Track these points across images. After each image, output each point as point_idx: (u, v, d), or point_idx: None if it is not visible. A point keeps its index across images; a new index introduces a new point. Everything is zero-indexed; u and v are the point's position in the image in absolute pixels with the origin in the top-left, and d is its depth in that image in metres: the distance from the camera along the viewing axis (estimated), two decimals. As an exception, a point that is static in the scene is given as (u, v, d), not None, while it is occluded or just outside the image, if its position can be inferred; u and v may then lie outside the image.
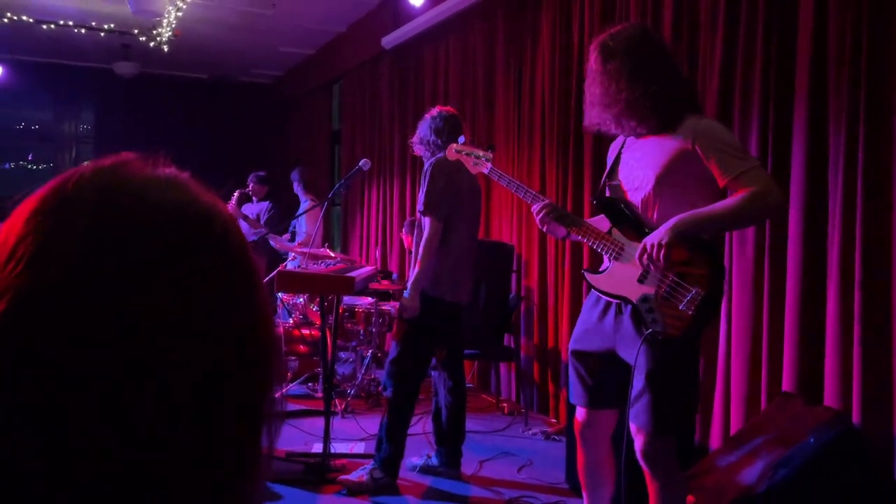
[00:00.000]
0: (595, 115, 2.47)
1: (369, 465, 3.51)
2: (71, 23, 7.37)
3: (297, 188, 6.62)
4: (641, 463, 2.37)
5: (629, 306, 2.35)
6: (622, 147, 2.54)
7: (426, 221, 3.41)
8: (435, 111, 3.67)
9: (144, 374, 0.45)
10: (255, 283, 0.52)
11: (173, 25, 7.15)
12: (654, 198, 2.35)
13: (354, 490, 3.42)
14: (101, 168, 0.50)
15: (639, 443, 2.36)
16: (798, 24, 3.18)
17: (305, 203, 6.50)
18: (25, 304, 0.44)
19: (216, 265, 0.49)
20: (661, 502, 2.38)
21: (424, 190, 3.42)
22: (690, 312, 2.22)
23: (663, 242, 2.21)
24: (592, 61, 2.44)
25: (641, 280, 2.31)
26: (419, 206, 3.45)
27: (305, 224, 6.40)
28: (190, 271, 0.47)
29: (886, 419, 2.81)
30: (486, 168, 2.90)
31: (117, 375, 0.44)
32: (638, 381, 2.31)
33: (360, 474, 3.48)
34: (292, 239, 6.70)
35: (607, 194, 2.53)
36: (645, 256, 2.26)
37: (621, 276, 2.37)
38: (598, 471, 2.65)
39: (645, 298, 2.29)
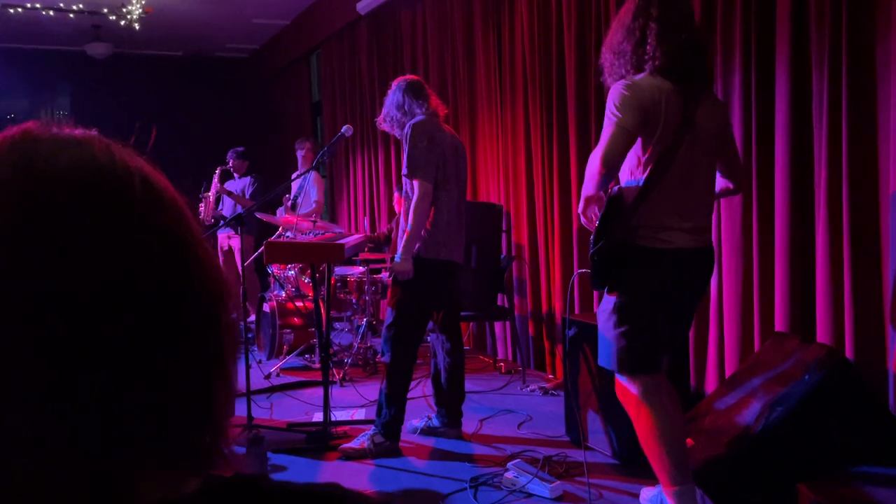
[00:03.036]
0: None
1: (370, 430, 3.53)
2: (38, 5, 7.21)
3: (304, 163, 6.55)
4: None
5: None
6: None
7: (414, 184, 3.39)
8: (393, 85, 3.62)
9: (119, 341, 0.44)
10: (190, 225, 0.51)
11: (143, 2, 7.01)
12: None
13: (357, 457, 3.44)
14: (7, 138, 0.49)
15: None
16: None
17: (306, 175, 6.46)
18: None
19: (148, 216, 0.48)
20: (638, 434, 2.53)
21: (407, 153, 3.39)
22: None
23: (579, 211, 2.53)
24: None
25: None
26: (404, 170, 3.42)
27: (315, 194, 6.36)
28: (125, 228, 0.46)
29: (879, 353, 2.83)
30: None
31: (94, 348, 0.44)
32: None
33: (361, 441, 3.50)
34: (294, 209, 6.64)
35: None
36: None
37: None
38: None
39: (591, 243, 2.48)
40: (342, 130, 3.81)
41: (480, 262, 4.88)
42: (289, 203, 6.24)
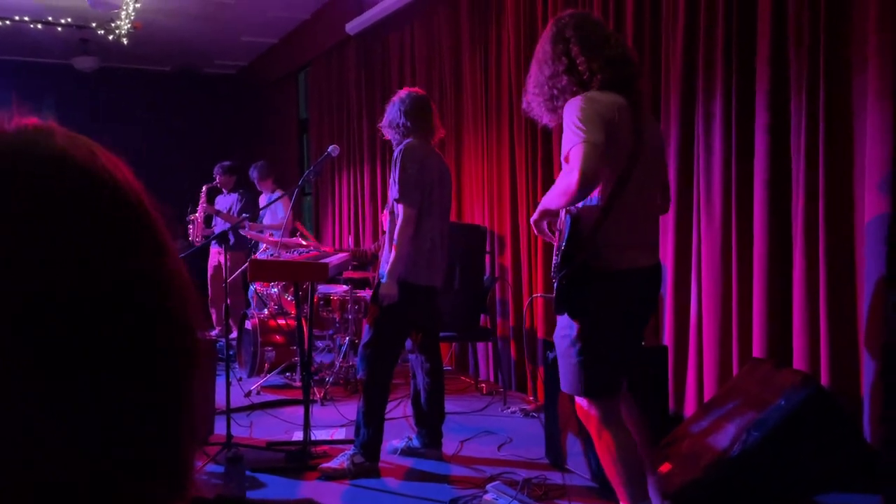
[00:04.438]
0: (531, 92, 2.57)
1: (350, 450, 3.52)
2: (26, 18, 7.20)
3: (262, 185, 6.60)
4: None
5: None
6: None
7: (400, 209, 3.41)
8: (403, 93, 3.64)
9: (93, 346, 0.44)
10: (158, 225, 0.49)
11: (132, 17, 7.03)
12: None
13: (336, 477, 3.42)
14: None
15: None
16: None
17: (271, 196, 6.48)
18: None
19: (119, 215, 0.46)
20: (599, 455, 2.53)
21: (396, 177, 3.41)
22: (555, 282, 2.42)
23: (531, 220, 2.59)
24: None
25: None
26: (393, 194, 3.44)
27: (281, 211, 6.38)
28: (95, 227, 0.45)
29: (854, 379, 2.87)
30: None
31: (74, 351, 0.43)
32: None
33: (340, 461, 3.48)
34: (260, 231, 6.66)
35: None
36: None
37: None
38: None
39: (555, 267, 2.43)
40: (328, 150, 3.83)
41: (464, 282, 4.89)
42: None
